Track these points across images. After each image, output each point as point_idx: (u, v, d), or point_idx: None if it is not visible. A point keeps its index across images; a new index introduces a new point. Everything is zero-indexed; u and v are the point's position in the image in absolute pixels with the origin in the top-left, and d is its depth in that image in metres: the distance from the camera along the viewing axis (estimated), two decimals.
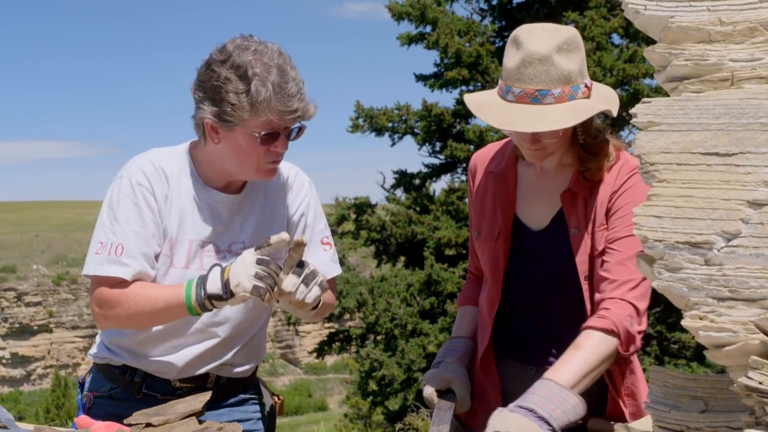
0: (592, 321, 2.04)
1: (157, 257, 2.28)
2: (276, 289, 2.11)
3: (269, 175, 2.29)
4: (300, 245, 2.13)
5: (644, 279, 2.03)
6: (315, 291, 2.15)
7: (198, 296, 2.14)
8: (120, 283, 2.22)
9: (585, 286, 2.15)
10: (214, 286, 2.12)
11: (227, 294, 2.10)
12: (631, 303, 2.04)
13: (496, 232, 2.26)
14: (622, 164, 2.18)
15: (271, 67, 2.15)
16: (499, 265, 2.26)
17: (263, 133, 2.17)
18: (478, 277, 2.46)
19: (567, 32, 2.08)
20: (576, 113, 2.04)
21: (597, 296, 2.10)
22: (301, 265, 2.15)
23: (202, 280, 2.15)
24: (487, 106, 2.11)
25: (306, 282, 2.14)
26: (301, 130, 2.25)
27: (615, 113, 2.08)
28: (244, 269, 2.09)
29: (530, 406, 1.89)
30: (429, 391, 2.19)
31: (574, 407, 1.91)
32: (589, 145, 2.19)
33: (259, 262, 2.10)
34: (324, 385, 52.18)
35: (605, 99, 2.12)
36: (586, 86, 2.08)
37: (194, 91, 2.24)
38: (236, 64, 2.15)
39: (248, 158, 2.22)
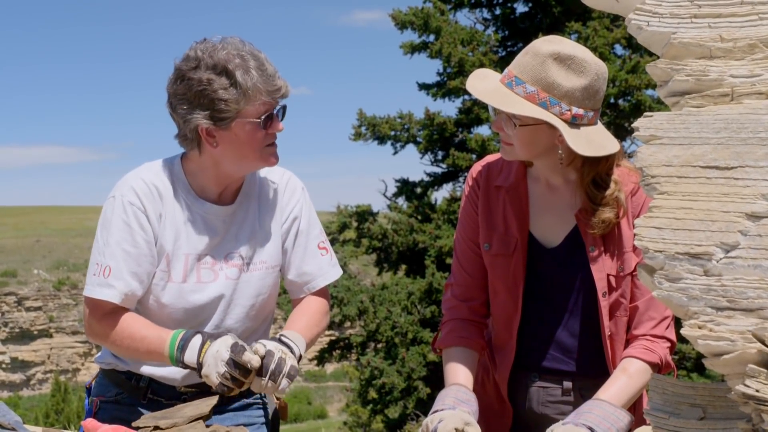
0: (639, 352, 2.14)
1: (150, 275, 2.30)
2: (244, 386, 2.15)
3: (274, 159, 2.32)
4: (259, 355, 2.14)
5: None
6: (284, 383, 2.16)
7: (178, 359, 2.19)
8: (111, 308, 2.26)
9: (603, 303, 2.17)
10: (190, 360, 2.17)
11: (200, 375, 2.17)
12: (669, 339, 2.19)
13: (511, 247, 2.23)
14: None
15: (245, 55, 2.20)
16: (516, 280, 2.23)
17: (263, 117, 2.22)
18: (468, 313, 2.35)
19: (582, 55, 2.05)
20: (530, 111, 2.03)
21: (636, 330, 2.19)
22: (266, 362, 2.14)
23: (183, 345, 2.18)
24: (478, 76, 2.19)
25: (273, 378, 2.14)
26: (284, 109, 2.30)
27: (581, 152, 2.01)
28: (215, 364, 2.12)
29: (588, 424, 1.94)
30: (449, 428, 2.01)
31: (626, 426, 1.99)
32: (594, 193, 2.14)
33: (229, 363, 2.11)
34: (324, 392, 51.96)
35: (588, 140, 2.04)
36: (570, 112, 2.04)
37: (175, 108, 2.25)
38: (211, 65, 2.18)
39: (250, 147, 2.25)
